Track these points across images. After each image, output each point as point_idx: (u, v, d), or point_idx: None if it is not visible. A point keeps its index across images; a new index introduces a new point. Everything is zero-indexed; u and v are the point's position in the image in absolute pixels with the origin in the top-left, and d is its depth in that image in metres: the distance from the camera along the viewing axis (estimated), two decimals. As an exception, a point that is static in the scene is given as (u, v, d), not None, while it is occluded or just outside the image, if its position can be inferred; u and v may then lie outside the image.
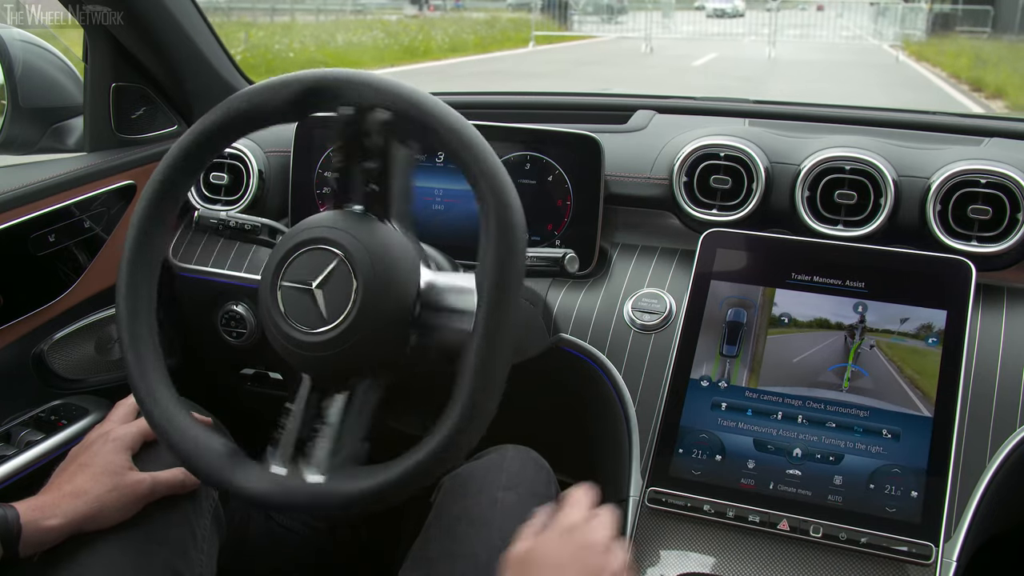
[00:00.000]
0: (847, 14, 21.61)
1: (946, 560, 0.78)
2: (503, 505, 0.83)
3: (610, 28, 18.63)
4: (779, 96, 1.42)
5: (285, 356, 0.72)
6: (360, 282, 0.68)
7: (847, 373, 0.87)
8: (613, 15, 19.59)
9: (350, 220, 0.71)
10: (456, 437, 0.64)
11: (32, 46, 1.17)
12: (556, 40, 15.81)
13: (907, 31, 16.10)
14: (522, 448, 0.91)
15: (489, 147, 0.67)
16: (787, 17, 17.38)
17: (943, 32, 15.41)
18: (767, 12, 16.01)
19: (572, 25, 17.94)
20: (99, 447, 0.80)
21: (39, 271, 1.04)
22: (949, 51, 12.48)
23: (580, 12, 18.61)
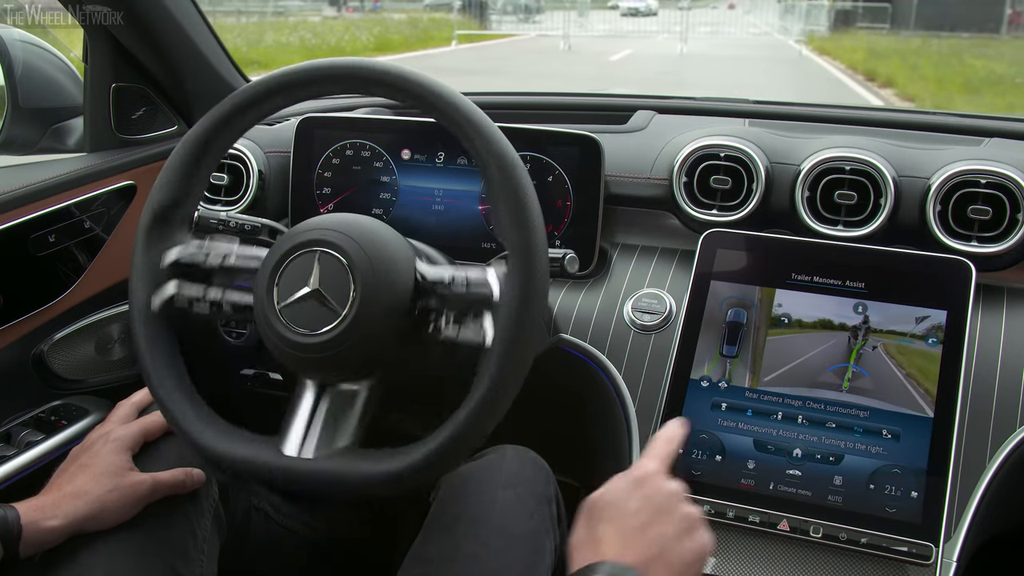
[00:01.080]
0: (756, 11, 22.45)
1: (946, 560, 0.78)
2: (502, 505, 0.83)
3: (528, 27, 19.08)
4: (694, 84, 1.45)
5: (281, 358, 0.72)
6: (358, 284, 0.68)
7: (848, 373, 0.87)
8: (530, 14, 20.08)
9: (347, 222, 0.71)
10: (477, 422, 0.66)
11: (32, 46, 1.17)
12: (478, 39, 16.17)
13: (811, 27, 16.97)
14: (520, 448, 0.91)
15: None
16: (699, 15, 18.14)
17: (844, 28, 16.54)
18: (679, 11, 16.61)
19: (491, 24, 18.43)
20: (99, 448, 0.80)
21: (39, 271, 1.04)
22: (848, 46, 13.34)
23: (498, 12, 19.13)
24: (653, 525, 0.63)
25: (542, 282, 0.67)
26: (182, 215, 0.78)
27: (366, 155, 1.14)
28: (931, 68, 10.42)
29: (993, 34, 15.27)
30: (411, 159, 1.12)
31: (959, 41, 13.93)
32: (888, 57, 11.29)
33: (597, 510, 0.66)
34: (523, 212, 0.67)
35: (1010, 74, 9.93)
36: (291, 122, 1.21)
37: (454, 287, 0.70)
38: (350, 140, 1.14)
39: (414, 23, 17.20)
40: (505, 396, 0.67)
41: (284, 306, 0.70)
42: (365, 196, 1.14)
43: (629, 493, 0.66)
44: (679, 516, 0.65)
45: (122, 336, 1.17)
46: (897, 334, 0.87)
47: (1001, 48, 13.34)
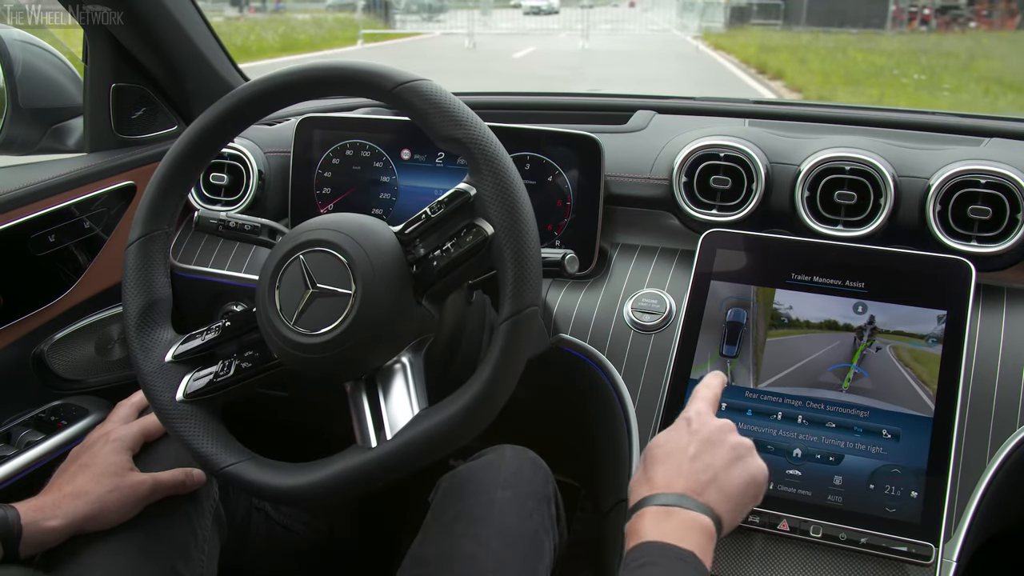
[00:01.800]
0: (655, 9, 23.14)
1: (946, 560, 0.78)
2: (501, 505, 0.83)
3: (432, 26, 19.34)
4: (595, 78, 1.48)
5: (281, 358, 0.72)
6: (359, 285, 0.68)
7: (848, 374, 0.87)
8: (433, 13, 20.33)
9: (349, 223, 0.71)
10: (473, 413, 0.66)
11: (32, 46, 1.17)
12: (383, 38, 16.41)
13: (708, 24, 17.68)
14: (519, 448, 0.91)
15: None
16: (601, 13, 18.68)
17: (739, 24, 17.69)
18: (581, 9, 17.13)
19: (395, 24, 18.72)
20: (100, 448, 0.80)
21: (39, 271, 1.04)
22: (742, 41, 14.26)
23: (402, 11, 19.44)
24: (702, 456, 0.70)
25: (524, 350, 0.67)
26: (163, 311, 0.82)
27: (366, 155, 1.14)
28: (818, 62, 11.13)
29: (878, 29, 16.33)
30: (411, 159, 1.12)
31: (847, 36, 14.77)
32: (779, 52, 12.13)
33: (651, 455, 0.71)
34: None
35: (888, 66, 10.74)
36: (291, 122, 1.21)
37: (431, 215, 0.71)
38: (350, 140, 1.14)
39: (319, 23, 17.33)
40: (506, 381, 0.67)
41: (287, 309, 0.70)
42: (365, 196, 1.14)
43: (680, 433, 0.72)
44: (729, 446, 0.71)
45: (122, 336, 1.18)
46: (903, 335, 0.87)
47: (883, 43, 14.30)
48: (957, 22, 17.24)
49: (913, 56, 11.58)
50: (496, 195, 0.68)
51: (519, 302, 0.66)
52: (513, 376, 0.67)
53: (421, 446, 0.66)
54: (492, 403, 0.66)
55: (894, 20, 17.17)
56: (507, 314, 0.66)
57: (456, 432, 0.66)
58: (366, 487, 0.68)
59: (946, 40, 14.52)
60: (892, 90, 9.07)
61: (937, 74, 9.94)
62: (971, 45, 12.95)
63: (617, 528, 0.87)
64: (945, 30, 16.62)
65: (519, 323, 0.66)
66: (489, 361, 0.66)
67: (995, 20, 16.99)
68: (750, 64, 11.95)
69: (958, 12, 17.60)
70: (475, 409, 0.66)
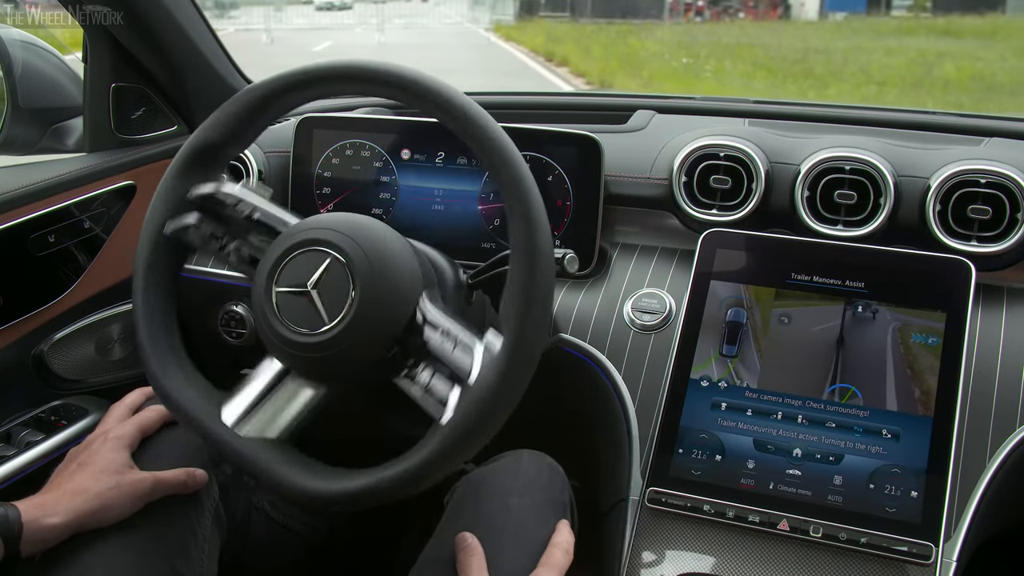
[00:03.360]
0: (447, 3, 23.65)
1: (946, 560, 0.78)
2: (517, 511, 0.83)
3: (224, 22, 19.44)
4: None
5: (279, 357, 0.72)
6: (358, 285, 0.68)
7: (847, 395, 0.87)
8: (225, 10, 20.41)
9: (349, 222, 0.71)
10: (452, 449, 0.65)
11: (32, 46, 1.17)
12: None
13: (499, 17, 18.71)
14: (537, 453, 0.91)
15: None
16: (394, 8, 19.12)
17: (529, 17, 18.99)
18: (375, 4, 17.58)
19: None
20: (98, 446, 0.80)
21: (39, 271, 1.04)
22: (531, 32, 15.48)
23: None
24: None
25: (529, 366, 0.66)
26: (223, 157, 0.78)
27: (366, 155, 1.14)
28: (600, 49, 12.27)
29: (656, 20, 18.31)
30: (411, 159, 1.12)
31: (628, 26, 16.23)
32: (565, 41, 13.29)
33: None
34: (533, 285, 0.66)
35: (661, 52, 11.94)
36: (291, 122, 1.21)
37: (441, 340, 0.69)
38: (350, 140, 1.14)
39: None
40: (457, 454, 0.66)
41: (290, 312, 0.70)
42: (365, 196, 1.14)
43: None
44: None
45: (122, 336, 1.18)
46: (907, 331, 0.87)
47: (660, 32, 15.74)
48: (727, 13, 19.41)
49: (684, 44, 12.95)
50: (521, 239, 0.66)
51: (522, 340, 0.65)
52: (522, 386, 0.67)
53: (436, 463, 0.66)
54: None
55: (671, 11, 19.15)
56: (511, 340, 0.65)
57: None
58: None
59: (717, 29, 16.49)
60: (661, 72, 10.21)
61: (703, 58, 11.07)
62: (738, 33, 14.73)
63: (617, 528, 0.87)
64: (717, 20, 18.70)
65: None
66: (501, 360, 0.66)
67: (760, 11, 19.45)
68: (539, 53, 12.97)
69: (728, 3, 19.72)
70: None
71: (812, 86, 9.06)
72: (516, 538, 0.80)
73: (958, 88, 8.67)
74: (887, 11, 19.02)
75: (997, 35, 13.04)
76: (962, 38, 13.10)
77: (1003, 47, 11.58)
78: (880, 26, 16.35)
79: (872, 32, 14.97)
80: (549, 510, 0.85)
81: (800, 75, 9.77)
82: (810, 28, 16.67)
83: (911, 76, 9.59)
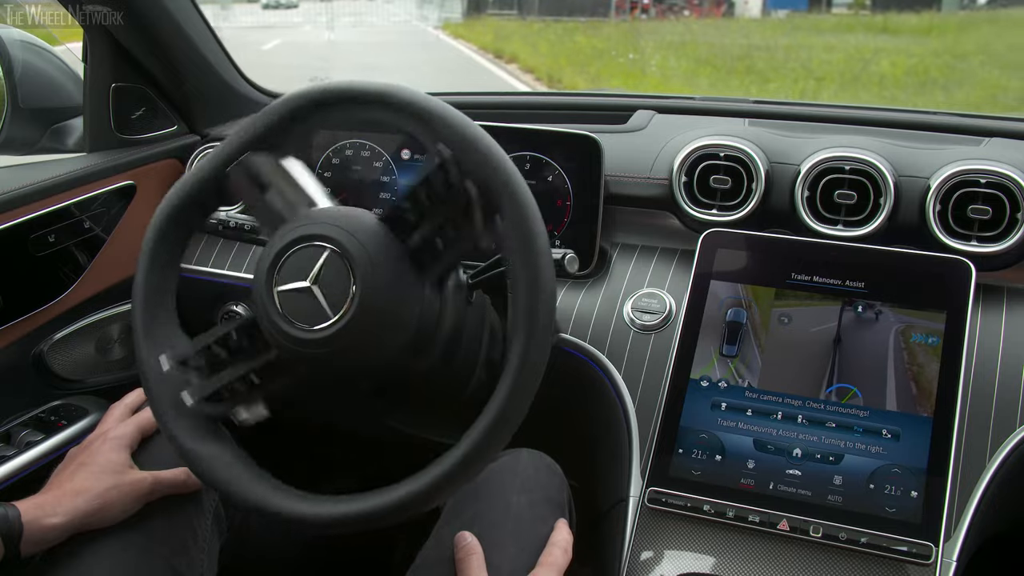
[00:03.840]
0: (395, 1, 23.74)
1: (946, 560, 0.78)
2: (516, 510, 0.83)
3: None
4: (344, 67, 1.55)
5: (282, 353, 0.72)
6: (358, 279, 0.68)
7: (848, 395, 0.87)
8: None
9: (347, 216, 0.71)
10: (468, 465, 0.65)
11: (32, 46, 1.17)
12: None
13: (447, 15, 18.89)
14: (535, 452, 0.91)
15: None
16: (343, 6, 19.12)
17: (477, 15, 19.00)
18: (322, 2, 17.68)
19: None
20: (98, 446, 0.80)
21: (39, 271, 1.04)
22: (479, 30, 15.58)
23: None
24: None
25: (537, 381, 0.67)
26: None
27: (366, 155, 1.14)
28: (547, 46, 12.44)
29: (603, 18, 18.28)
30: (411, 159, 1.12)
31: (575, 24, 16.30)
32: (513, 39, 13.47)
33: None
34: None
35: (608, 49, 12.14)
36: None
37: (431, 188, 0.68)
38: (350, 140, 1.14)
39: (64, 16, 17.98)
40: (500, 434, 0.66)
41: (285, 303, 0.69)
42: (365, 196, 1.14)
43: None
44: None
45: (122, 336, 1.18)
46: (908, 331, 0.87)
47: (607, 29, 16.03)
48: (672, 11, 19.63)
49: (631, 41, 13.17)
50: (519, 243, 0.66)
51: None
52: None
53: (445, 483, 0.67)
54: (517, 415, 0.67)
55: (617, 9, 19.34)
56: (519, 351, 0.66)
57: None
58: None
59: (663, 26, 16.60)
60: (608, 68, 10.43)
61: (648, 55, 11.28)
62: (683, 31, 14.91)
63: (617, 528, 0.87)
64: (663, 17, 18.99)
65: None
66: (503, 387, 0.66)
67: (704, 9, 19.75)
68: (487, 50, 13.02)
69: (673, 1, 20.00)
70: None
71: (754, 81, 9.25)
72: (515, 537, 0.80)
73: (893, 83, 8.96)
74: (828, 9, 19.43)
75: (932, 32, 13.43)
76: (899, 35, 13.47)
77: (937, 44, 11.93)
78: (820, 23, 16.75)
79: (813, 29, 15.32)
80: (547, 509, 0.85)
81: (742, 71, 10.00)
82: (753, 25, 17.10)
83: (849, 72, 9.81)
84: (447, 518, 0.85)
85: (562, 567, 0.77)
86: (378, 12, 20.99)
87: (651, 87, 9.22)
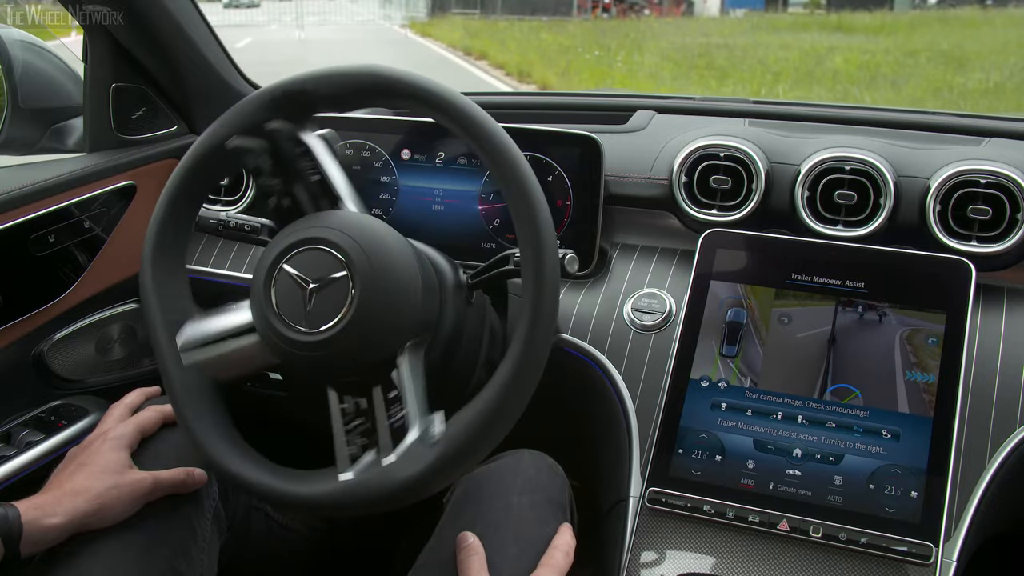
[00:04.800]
0: (359, 0, 24.41)
1: (946, 560, 0.78)
2: (518, 510, 0.83)
3: None
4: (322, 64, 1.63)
5: (277, 355, 0.72)
6: (358, 284, 0.68)
7: (849, 397, 0.87)
8: None
9: (349, 221, 0.71)
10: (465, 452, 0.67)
11: (32, 46, 1.17)
12: (80, 31, 17.82)
13: (411, 14, 19.51)
14: (537, 453, 0.91)
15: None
16: (307, 6, 19.42)
17: (441, 14, 19.91)
18: (284, 1, 17.95)
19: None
20: (98, 446, 0.80)
21: (39, 271, 1.04)
22: (446, 28, 16.46)
23: None
24: None
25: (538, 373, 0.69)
26: (313, 107, 0.79)
27: (366, 155, 1.14)
28: (514, 44, 12.98)
29: (565, 17, 19.47)
30: (411, 159, 1.12)
31: (539, 23, 17.23)
32: (480, 37, 14.09)
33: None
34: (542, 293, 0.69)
35: (574, 45, 12.64)
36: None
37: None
38: (350, 140, 1.14)
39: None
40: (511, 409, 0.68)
41: (283, 306, 0.69)
42: (365, 196, 1.13)
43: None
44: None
45: (122, 336, 1.18)
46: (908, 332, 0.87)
47: (570, 28, 16.90)
48: (633, 10, 20.42)
49: (594, 38, 13.83)
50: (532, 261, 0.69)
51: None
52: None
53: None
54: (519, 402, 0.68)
55: (579, 8, 20.18)
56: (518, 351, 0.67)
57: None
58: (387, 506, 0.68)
59: (624, 25, 17.49)
60: (576, 64, 10.84)
61: (613, 51, 11.90)
62: (644, 29, 15.79)
63: (617, 528, 0.87)
64: (624, 16, 19.70)
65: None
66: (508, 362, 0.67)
67: (664, 8, 20.66)
68: (456, 48, 13.60)
69: (634, 1, 20.87)
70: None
71: (714, 76, 9.73)
72: (516, 538, 0.80)
73: (846, 78, 9.28)
74: (784, 8, 20.25)
75: (884, 31, 13.88)
76: (852, 33, 13.92)
77: (888, 42, 12.36)
78: (777, 22, 17.38)
79: (770, 28, 15.89)
80: (549, 510, 0.85)
81: (703, 67, 10.44)
82: (712, 24, 17.68)
83: (804, 67, 10.35)
84: (449, 518, 0.85)
85: (563, 570, 0.77)
86: (342, 11, 21.33)
87: (618, 81, 9.44)
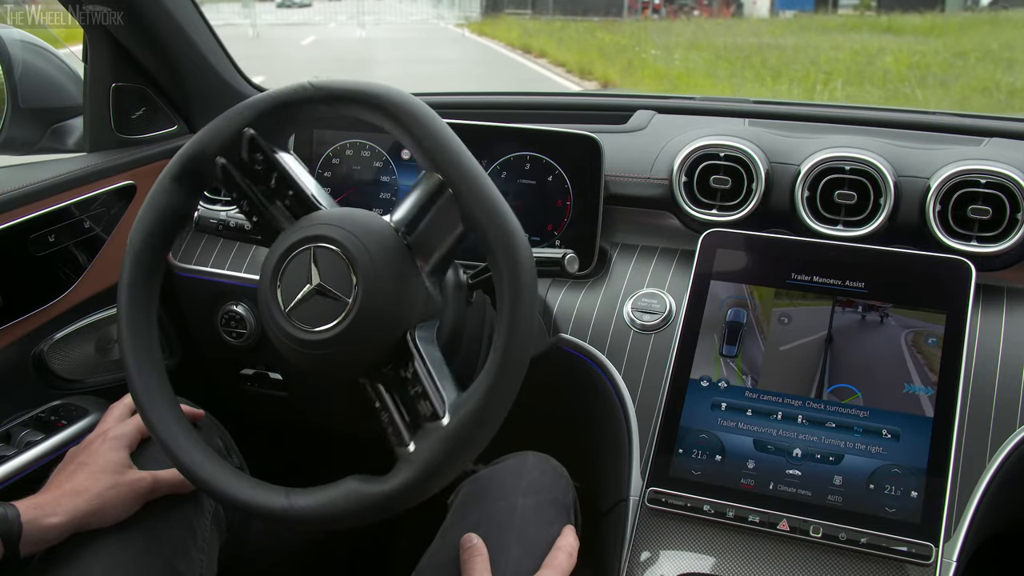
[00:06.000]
0: (407, 0, 24.53)
1: (946, 560, 0.78)
2: (522, 512, 0.83)
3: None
4: (386, 60, 1.59)
5: (286, 354, 0.72)
6: (360, 279, 0.68)
7: (850, 397, 0.87)
8: None
9: (351, 218, 0.71)
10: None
11: (32, 46, 1.17)
12: None
13: (464, 13, 19.79)
14: (541, 455, 0.91)
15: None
16: (357, 6, 19.60)
17: (494, 14, 20.36)
18: (336, 1, 18.25)
19: None
20: (97, 446, 0.80)
21: (39, 271, 1.04)
22: (503, 28, 16.77)
23: None
24: None
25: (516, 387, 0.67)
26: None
27: (366, 155, 1.14)
28: (572, 43, 13.35)
29: (616, 17, 19.74)
30: (411, 159, 1.12)
31: (592, 23, 17.53)
32: (538, 36, 14.40)
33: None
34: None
35: (631, 45, 12.98)
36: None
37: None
38: (350, 140, 1.14)
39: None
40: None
41: (290, 305, 0.70)
42: (365, 196, 1.14)
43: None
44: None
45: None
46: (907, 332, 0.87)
47: (623, 28, 17.22)
48: (683, 10, 20.64)
49: (647, 38, 14.15)
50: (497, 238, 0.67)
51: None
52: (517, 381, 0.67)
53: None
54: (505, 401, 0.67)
55: (630, 9, 20.61)
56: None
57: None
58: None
59: (674, 26, 17.67)
60: (635, 62, 11.20)
61: (669, 50, 12.13)
62: (695, 29, 15.86)
63: (617, 528, 0.87)
64: (674, 17, 19.93)
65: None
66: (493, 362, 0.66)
67: (714, 9, 20.83)
68: (515, 46, 13.88)
69: (684, 2, 21.09)
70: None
71: (769, 74, 9.89)
72: (520, 539, 0.80)
73: (896, 77, 9.44)
74: (834, 9, 20.28)
75: (934, 32, 13.99)
76: (902, 35, 14.06)
77: (938, 43, 12.47)
78: (827, 23, 17.46)
79: (819, 28, 15.98)
80: (553, 512, 0.85)
81: (756, 65, 10.59)
82: (762, 25, 17.80)
83: (855, 66, 10.45)
84: (453, 519, 0.85)
85: (566, 571, 0.77)
86: (393, 11, 21.53)
87: (678, 78, 9.66)
